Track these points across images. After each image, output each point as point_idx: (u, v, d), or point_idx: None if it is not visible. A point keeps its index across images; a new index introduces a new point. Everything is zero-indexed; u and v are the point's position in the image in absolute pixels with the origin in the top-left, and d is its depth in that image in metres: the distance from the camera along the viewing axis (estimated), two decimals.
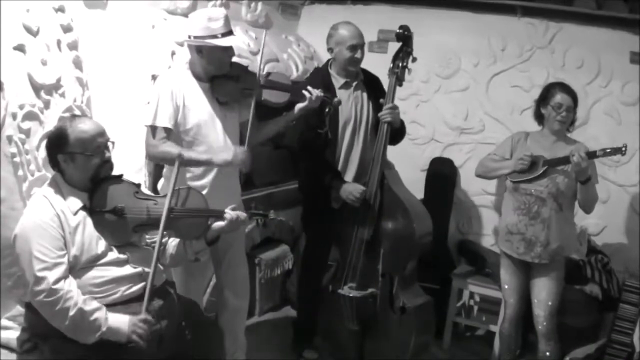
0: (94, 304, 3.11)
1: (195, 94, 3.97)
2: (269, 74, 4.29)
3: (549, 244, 4.38)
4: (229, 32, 3.92)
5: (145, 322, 3.15)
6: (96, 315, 3.08)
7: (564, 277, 4.55)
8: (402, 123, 4.71)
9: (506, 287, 4.69)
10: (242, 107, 4.04)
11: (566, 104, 4.36)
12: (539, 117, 4.56)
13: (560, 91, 4.41)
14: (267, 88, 4.10)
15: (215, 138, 3.99)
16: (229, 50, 3.98)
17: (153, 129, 3.85)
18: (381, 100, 4.57)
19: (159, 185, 4.16)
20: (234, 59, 4.09)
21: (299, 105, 4.14)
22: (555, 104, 4.38)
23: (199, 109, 3.96)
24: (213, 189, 3.97)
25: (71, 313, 3.02)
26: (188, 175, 3.95)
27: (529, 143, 4.57)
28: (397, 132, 4.68)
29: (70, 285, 3.06)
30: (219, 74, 4.01)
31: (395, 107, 4.53)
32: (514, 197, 4.52)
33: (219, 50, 3.90)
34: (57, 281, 3.02)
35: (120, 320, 3.14)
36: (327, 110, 4.47)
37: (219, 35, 3.85)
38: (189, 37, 3.92)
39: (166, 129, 3.84)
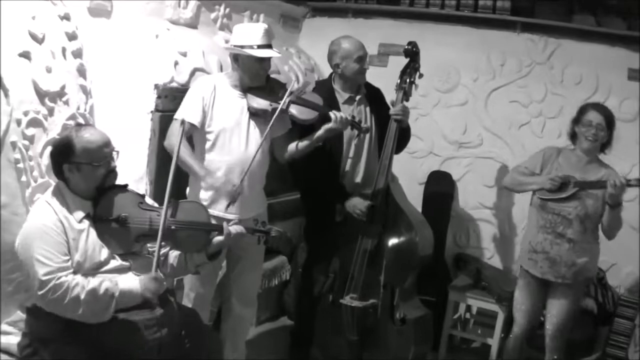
0: (97, 279, 3.14)
1: (226, 100, 4.11)
2: (301, 91, 4.35)
3: (574, 264, 4.35)
4: (267, 46, 4.04)
5: (155, 280, 3.22)
6: (104, 285, 3.12)
7: (580, 299, 4.59)
8: (408, 126, 4.76)
9: (518, 306, 4.66)
10: (277, 123, 4.08)
11: (596, 122, 4.30)
12: (573, 137, 4.50)
13: (593, 109, 4.38)
14: (297, 104, 4.17)
15: (238, 144, 4.10)
16: (264, 63, 4.11)
17: (176, 122, 3.99)
18: (390, 100, 4.64)
19: (187, 192, 4.23)
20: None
21: (325, 126, 4.20)
22: (586, 121, 4.34)
23: (227, 115, 4.09)
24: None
25: (83, 297, 3.04)
26: (210, 181, 4.03)
27: (561, 160, 4.50)
28: (403, 135, 4.72)
29: (73, 275, 3.09)
30: (253, 85, 4.13)
31: (405, 107, 4.58)
32: (540, 214, 4.47)
33: (253, 60, 4.04)
34: (60, 278, 3.03)
35: (130, 281, 3.23)
36: (356, 136, 4.59)
37: (255, 47, 3.98)
38: (230, 45, 4.07)
39: (191, 125, 3.99)
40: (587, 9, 5.64)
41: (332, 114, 4.19)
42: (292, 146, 4.32)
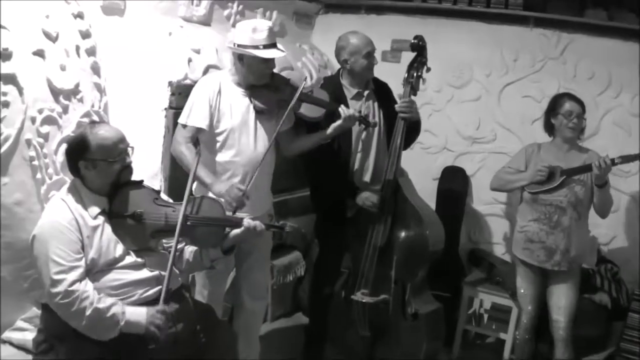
0: (109, 300, 3.14)
1: (232, 100, 4.08)
2: (311, 90, 4.35)
3: (568, 251, 4.47)
4: (272, 45, 4.00)
5: (162, 313, 3.20)
6: (113, 310, 3.12)
7: (579, 284, 4.62)
8: (419, 120, 4.75)
9: (524, 292, 4.75)
10: (284, 118, 4.04)
11: (576, 111, 4.48)
12: (550, 128, 4.64)
13: (569, 100, 4.55)
14: (304, 102, 4.18)
15: (246, 143, 4.08)
16: (269, 62, 4.06)
17: (183, 127, 4.00)
18: (398, 94, 4.66)
19: (194, 187, 4.20)
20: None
21: (334, 125, 4.22)
22: (566, 112, 4.49)
23: (233, 115, 4.07)
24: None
25: (88, 312, 3.05)
26: (216, 189, 3.92)
27: (542, 154, 4.64)
28: (413, 128, 4.71)
29: (86, 286, 3.09)
30: (258, 84, 4.11)
31: (412, 102, 4.57)
32: (533, 207, 4.60)
33: (258, 61, 4.00)
34: (73, 283, 3.05)
35: (137, 313, 3.19)
36: (363, 129, 4.58)
37: (261, 47, 3.94)
38: (234, 44, 4.02)
39: (198, 129, 3.99)
40: (600, 4, 5.62)
41: (341, 111, 4.20)
42: (300, 141, 4.36)
